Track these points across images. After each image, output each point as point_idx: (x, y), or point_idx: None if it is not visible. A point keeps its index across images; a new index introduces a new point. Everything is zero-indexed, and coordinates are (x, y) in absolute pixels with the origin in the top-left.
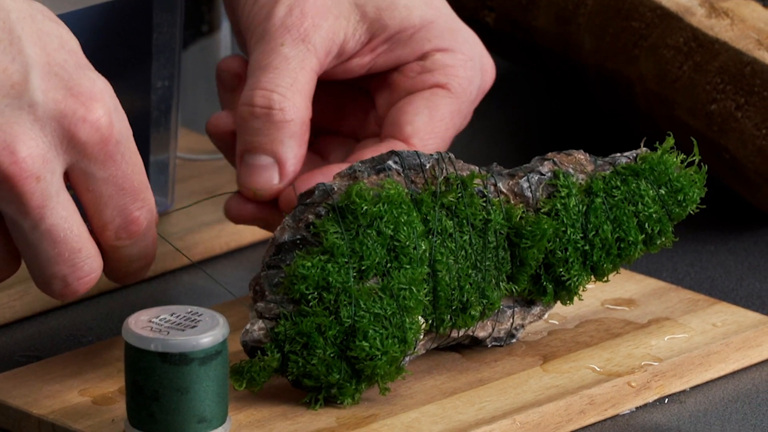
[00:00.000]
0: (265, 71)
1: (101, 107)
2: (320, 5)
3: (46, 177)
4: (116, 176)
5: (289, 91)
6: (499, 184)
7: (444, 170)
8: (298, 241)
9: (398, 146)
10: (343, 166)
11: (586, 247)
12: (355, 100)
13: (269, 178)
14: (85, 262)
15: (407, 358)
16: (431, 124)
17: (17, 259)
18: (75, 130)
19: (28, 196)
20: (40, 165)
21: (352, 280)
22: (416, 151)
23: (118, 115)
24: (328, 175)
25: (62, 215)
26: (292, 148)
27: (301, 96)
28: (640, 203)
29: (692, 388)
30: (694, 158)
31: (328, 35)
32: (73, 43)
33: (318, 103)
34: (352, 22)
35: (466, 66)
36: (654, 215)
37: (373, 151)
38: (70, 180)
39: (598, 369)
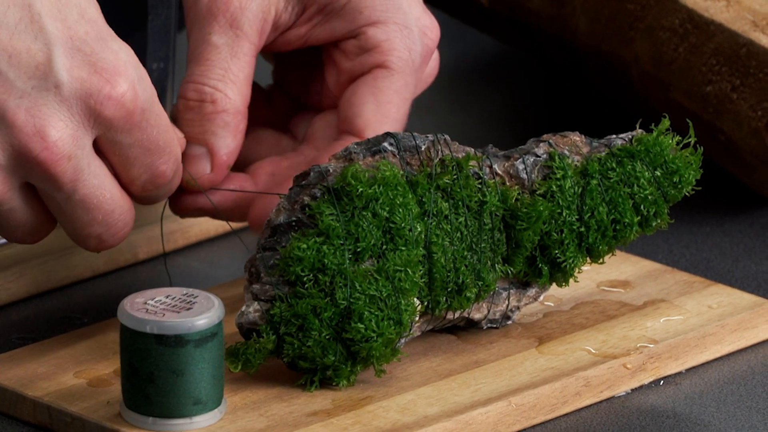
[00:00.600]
0: (197, 63)
1: (125, 81)
2: None
3: (77, 154)
4: (142, 140)
5: (220, 83)
6: (495, 166)
7: (439, 152)
8: (294, 223)
9: (354, 141)
10: (269, 163)
11: (582, 229)
12: (318, 72)
13: (202, 168)
14: (118, 220)
15: (403, 340)
16: (380, 110)
17: (52, 221)
18: (101, 108)
19: (61, 175)
20: (70, 145)
21: (348, 261)
22: (412, 133)
23: (142, 83)
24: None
25: (94, 183)
26: (225, 138)
27: (234, 85)
28: (635, 185)
29: (688, 370)
30: (689, 140)
31: (258, 15)
32: (92, 11)
33: (288, 76)
34: None
35: (403, 36)
36: (649, 197)
37: (327, 149)
38: (97, 146)
39: (594, 351)
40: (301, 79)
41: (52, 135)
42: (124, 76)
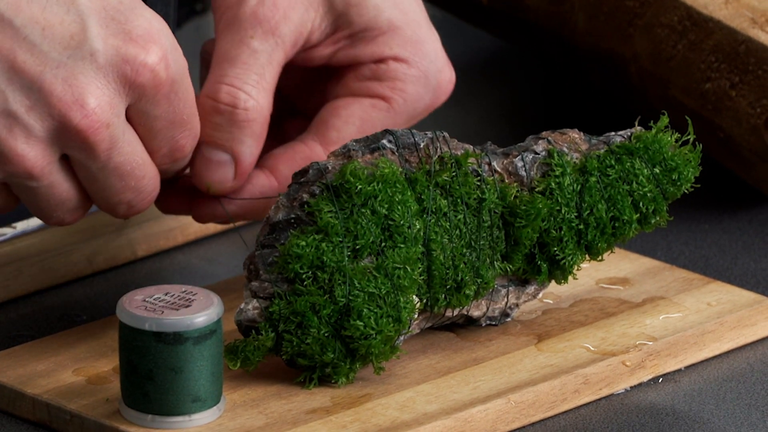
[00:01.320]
0: (233, 64)
1: (159, 49)
2: None
3: (114, 121)
4: (168, 113)
5: (254, 89)
6: (494, 163)
7: (438, 149)
8: (293, 221)
9: (316, 149)
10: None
11: (581, 226)
12: (318, 81)
13: (225, 175)
14: (148, 185)
15: (402, 338)
16: (357, 136)
17: (89, 198)
18: (135, 76)
19: (99, 143)
20: (108, 112)
21: (347, 259)
22: (411, 130)
23: (175, 54)
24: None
25: (128, 150)
26: (251, 147)
27: (266, 93)
28: (634, 182)
29: (687, 368)
30: (688, 137)
31: (297, 27)
32: None
33: (288, 81)
34: (319, 14)
35: (418, 82)
36: (648, 194)
37: (291, 152)
38: (126, 116)
39: (593, 348)
40: (301, 85)
41: (90, 103)
42: (158, 44)
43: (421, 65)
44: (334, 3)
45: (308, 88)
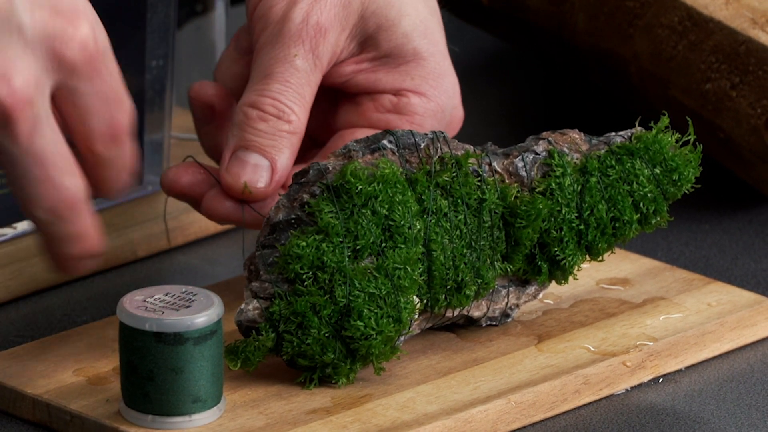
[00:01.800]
0: (275, 80)
1: (86, 23)
2: (333, 16)
3: (38, 100)
4: (102, 89)
5: (296, 106)
6: (494, 164)
7: (439, 149)
8: (293, 221)
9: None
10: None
11: (581, 227)
12: (322, 101)
13: (260, 179)
14: (68, 187)
15: (402, 338)
16: None
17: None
18: (64, 50)
19: (21, 122)
20: (33, 89)
21: (347, 259)
22: (411, 131)
23: (100, 27)
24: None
25: (50, 136)
26: (288, 159)
27: (306, 111)
28: (635, 182)
29: (687, 368)
30: (688, 137)
31: (333, 48)
32: None
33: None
34: (352, 34)
35: (435, 117)
36: (649, 194)
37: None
38: (55, 99)
39: (593, 349)
40: (320, 117)
41: (17, 79)
42: (84, 17)
43: (440, 100)
44: (367, 24)
45: (317, 111)
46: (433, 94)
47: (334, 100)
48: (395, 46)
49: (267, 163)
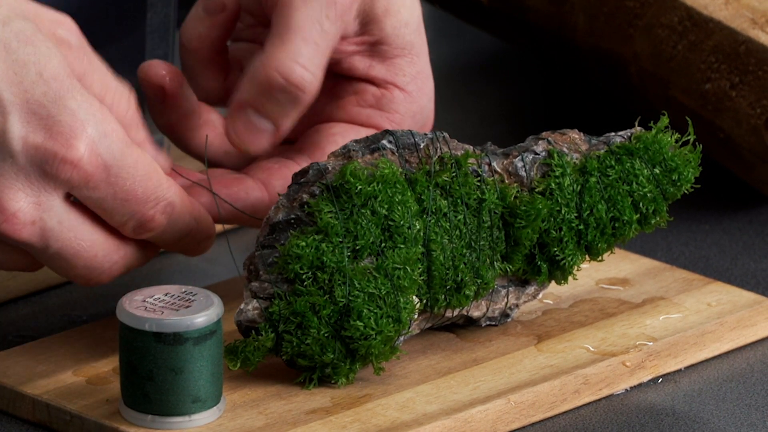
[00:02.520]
0: (307, 42)
1: (82, 143)
2: None
3: (42, 217)
4: (115, 194)
5: (318, 70)
6: (494, 164)
7: (438, 149)
8: (293, 221)
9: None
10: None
11: (581, 227)
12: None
13: (264, 142)
14: (102, 263)
15: (401, 338)
16: None
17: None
18: (57, 172)
19: (28, 238)
20: (33, 211)
21: (347, 259)
22: (410, 131)
23: (105, 140)
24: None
25: (68, 236)
26: (293, 121)
27: (323, 74)
28: (634, 182)
29: (687, 368)
30: (688, 137)
31: (351, 15)
32: (53, 65)
33: None
34: (359, 11)
35: (414, 117)
36: (648, 195)
37: (285, 169)
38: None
39: (593, 349)
40: None
41: (10, 207)
42: (81, 136)
43: (422, 102)
44: (375, 7)
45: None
46: (417, 95)
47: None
48: (395, 35)
49: (272, 127)
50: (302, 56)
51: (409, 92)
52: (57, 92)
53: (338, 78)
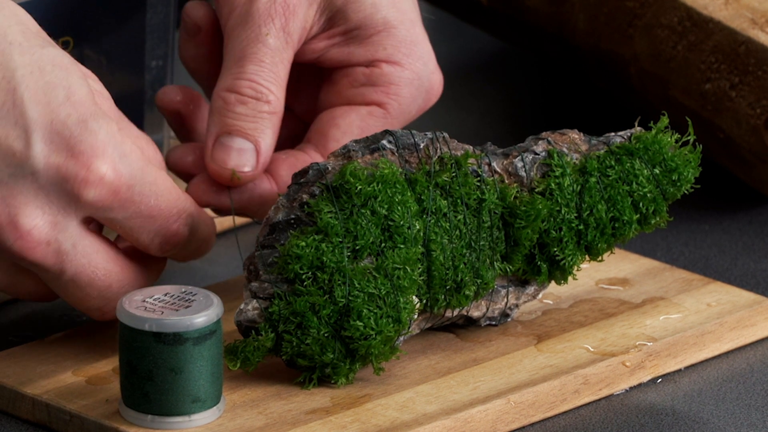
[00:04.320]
0: (250, 61)
1: (103, 164)
2: None
3: (58, 238)
4: (139, 212)
5: (273, 85)
6: (494, 164)
7: (438, 150)
8: (293, 221)
9: (317, 158)
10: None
11: (581, 227)
12: (311, 83)
13: (246, 162)
14: (117, 294)
15: (401, 338)
16: None
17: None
18: (78, 193)
19: (42, 260)
20: (48, 231)
21: (347, 259)
22: (410, 131)
23: (126, 160)
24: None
25: (83, 263)
26: (270, 139)
27: (282, 90)
28: (634, 183)
29: (687, 368)
30: (688, 138)
31: (302, 24)
32: (81, 92)
33: None
34: (320, 8)
35: (411, 85)
36: (648, 195)
37: (293, 158)
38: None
39: (593, 349)
40: (290, 84)
41: (25, 224)
42: (103, 157)
43: (415, 67)
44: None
45: (296, 86)
46: (407, 62)
47: (320, 81)
48: (364, 17)
49: (251, 146)
50: (246, 73)
51: (396, 62)
52: (81, 115)
53: (327, 70)
